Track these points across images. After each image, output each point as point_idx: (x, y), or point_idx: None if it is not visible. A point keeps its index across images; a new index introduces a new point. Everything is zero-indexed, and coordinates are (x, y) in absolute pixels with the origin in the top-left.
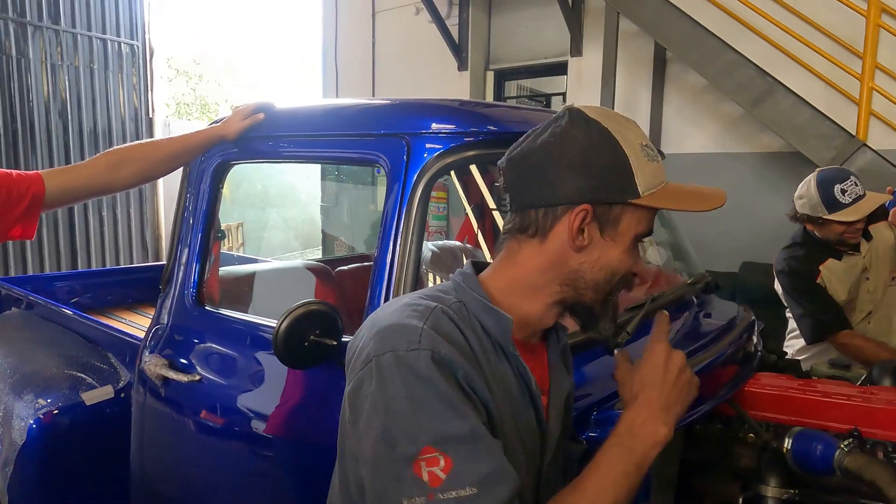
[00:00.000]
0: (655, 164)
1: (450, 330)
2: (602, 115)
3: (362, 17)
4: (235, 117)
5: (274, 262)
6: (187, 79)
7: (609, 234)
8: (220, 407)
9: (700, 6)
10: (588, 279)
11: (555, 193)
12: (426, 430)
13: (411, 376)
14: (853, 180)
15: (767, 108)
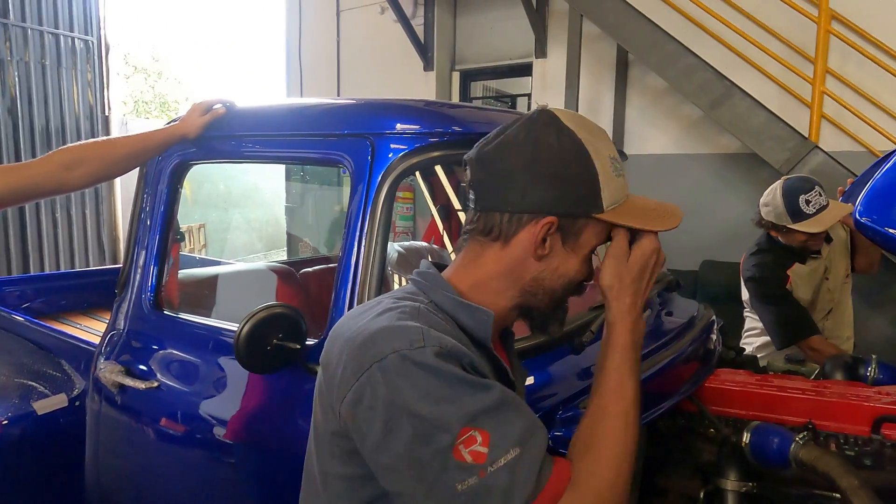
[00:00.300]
0: (621, 180)
1: (441, 326)
2: (576, 123)
3: (326, 16)
4: (194, 113)
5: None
6: (146, 76)
7: (570, 245)
8: (179, 414)
9: (660, 10)
10: (546, 287)
11: (522, 201)
12: (455, 414)
13: (422, 372)
14: (818, 190)
15: (725, 111)
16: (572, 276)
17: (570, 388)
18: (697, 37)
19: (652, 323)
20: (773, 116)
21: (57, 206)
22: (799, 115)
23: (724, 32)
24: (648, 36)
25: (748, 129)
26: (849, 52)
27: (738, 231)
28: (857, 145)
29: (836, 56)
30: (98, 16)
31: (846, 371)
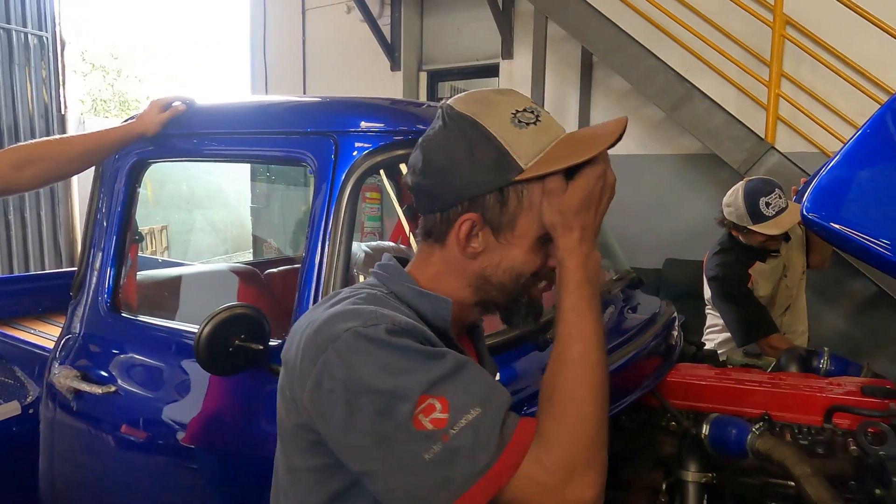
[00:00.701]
0: (532, 129)
1: (400, 311)
2: (469, 101)
3: (292, 15)
4: (152, 110)
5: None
6: (104, 74)
7: (506, 236)
8: (138, 419)
9: (623, 13)
10: (495, 283)
11: (440, 199)
12: (411, 384)
13: (376, 346)
14: (778, 193)
15: (685, 112)
16: (520, 269)
17: (536, 384)
18: (659, 40)
19: (615, 319)
20: (731, 118)
21: (10, 207)
22: (756, 117)
23: (684, 36)
24: (612, 38)
25: (707, 131)
26: (802, 56)
27: (699, 230)
28: (810, 146)
29: (791, 60)
30: (53, 11)
31: (800, 363)
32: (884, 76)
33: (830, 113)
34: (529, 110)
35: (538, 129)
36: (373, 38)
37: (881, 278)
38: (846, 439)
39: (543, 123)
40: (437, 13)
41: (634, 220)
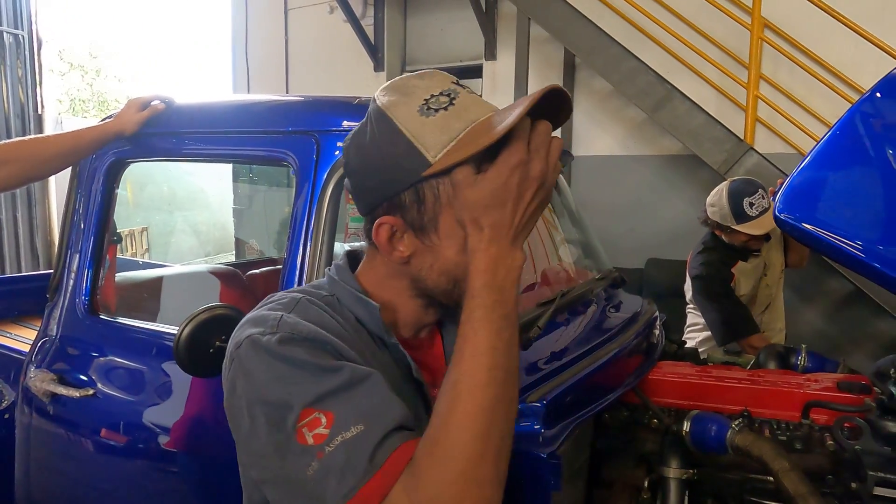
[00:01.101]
0: (441, 115)
1: (319, 317)
2: (389, 90)
3: (274, 14)
4: (130, 109)
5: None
6: (83, 73)
7: (430, 238)
8: (118, 423)
9: (605, 15)
10: (431, 286)
11: (362, 202)
12: (298, 395)
13: (270, 356)
14: (761, 193)
15: (666, 113)
16: (453, 272)
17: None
18: (640, 42)
19: (597, 318)
20: (711, 119)
21: None
22: (735, 119)
23: (665, 38)
24: (593, 40)
25: (688, 132)
26: (781, 58)
27: (681, 230)
28: (788, 147)
29: (769, 62)
30: (29, 9)
31: (779, 360)
32: (859, 78)
33: (808, 114)
34: (445, 93)
35: (449, 115)
36: (356, 38)
37: (857, 277)
38: (823, 434)
39: (458, 107)
40: (420, 14)
41: (616, 221)
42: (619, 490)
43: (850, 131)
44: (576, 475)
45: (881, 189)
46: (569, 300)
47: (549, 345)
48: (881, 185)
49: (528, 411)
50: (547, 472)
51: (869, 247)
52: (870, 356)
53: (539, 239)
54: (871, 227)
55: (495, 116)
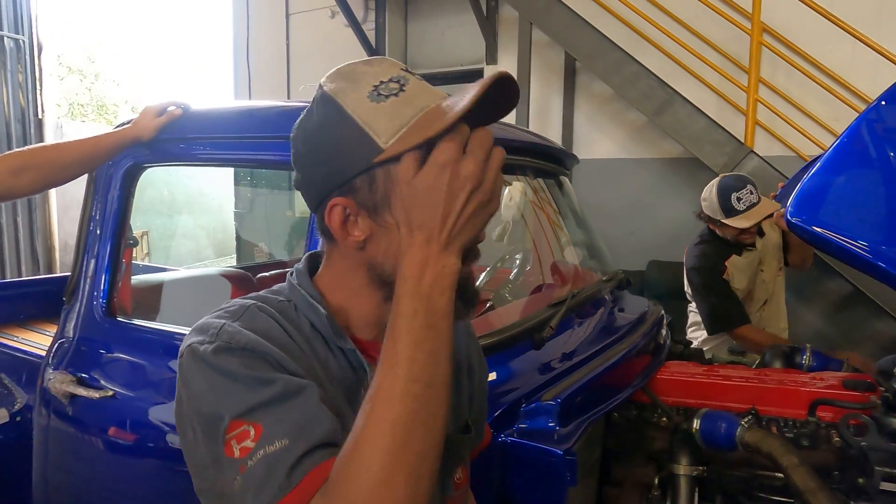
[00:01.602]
0: (391, 101)
1: (266, 326)
2: (336, 77)
3: (275, 19)
4: (147, 115)
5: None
6: (81, 77)
7: (384, 219)
8: (136, 422)
9: (605, 20)
10: (388, 272)
11: (312, 191)
12: (230, 406)
13: (206, 366)
14: (749, 188)
15: (667, 117)
16: None
17: (532, 382)
18: (641, 46)
19: (606, 319)
20: (711, 123)
21: None
22: (735, 122)
23: (665, 42)
24: (594, 44)
25: (689, 135)
26: (779, 62)
27: (681, 232)
28: (787, 150)
29: (768, 67)
30: (30, 14)
31: (784, 359)
32: (856, 82)
33: (806, 118)
34: (395, 79)
35: (400, 101)
36: (357, 42)
37: (857, 277)
38: (829, 431)
39: (409, 94)
40: (421, 18)
41: (617, 223)
42: (630, 488)
43: (856, 139)
44: (588, 473)
45: (886, 193)
46: (578, 301)
47: (560, 345)
48: (886, 189)
49: (543, 409)
50: (563, 467)
51: (875, 248)
52: (869, 356)
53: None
54: (878, 229)
55: (445, 103)
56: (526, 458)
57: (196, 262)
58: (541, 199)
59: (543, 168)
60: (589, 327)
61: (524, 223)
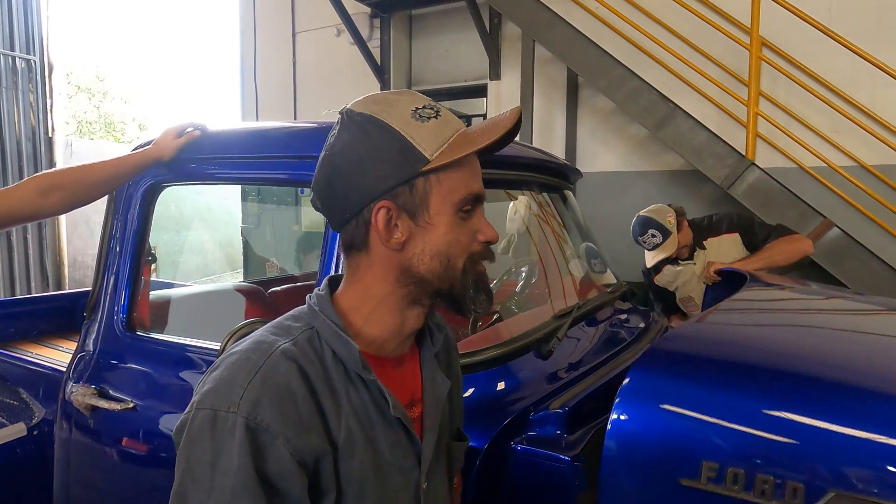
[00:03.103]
0: (433, 122)
1: (286, 379)
2: (368, 103)
3: (282, 37)
4: (168, 136)
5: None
6: (90, 96)
7: (423, 219)
8: (155, 433)
9: (607, 36)
10: (423, 272)
11: (352, 202)
12: (214, 500)
13: (218, 442)
14: (651, 232)
15: (669, 131)
16: (445, 250)
17: (540, 391)
18: (642, 61)
19: (611, 329)
20: (712, 136)
21: None
22: (736, 135)
23: (666, 58)
24: (596, 60)
25: (690, 148)
26: (779, 76)
27: None
28: (789, 162)
29: (768, 80)
30: (41, 34)
31: None
32: (854, 94)
33: (807, 129)
34: (430, 107)
35: (439, 123)
36: (362, 60)
37: (863, 288)
38: None
39: (444, 118)
40: (425, 36)
41: (621, 235)
42: None
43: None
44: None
45: None
46: (584, 312)
47: (567, 355)
48: None
49: (551, 418)
50: (571, 474)
51: None
52: None
53: (551, 254)
54: None
55: (471, 130)
56: (535, 464)
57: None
58: (546, 213)
59: (548, 183)
60: (594, 337)
61: (529, 237)
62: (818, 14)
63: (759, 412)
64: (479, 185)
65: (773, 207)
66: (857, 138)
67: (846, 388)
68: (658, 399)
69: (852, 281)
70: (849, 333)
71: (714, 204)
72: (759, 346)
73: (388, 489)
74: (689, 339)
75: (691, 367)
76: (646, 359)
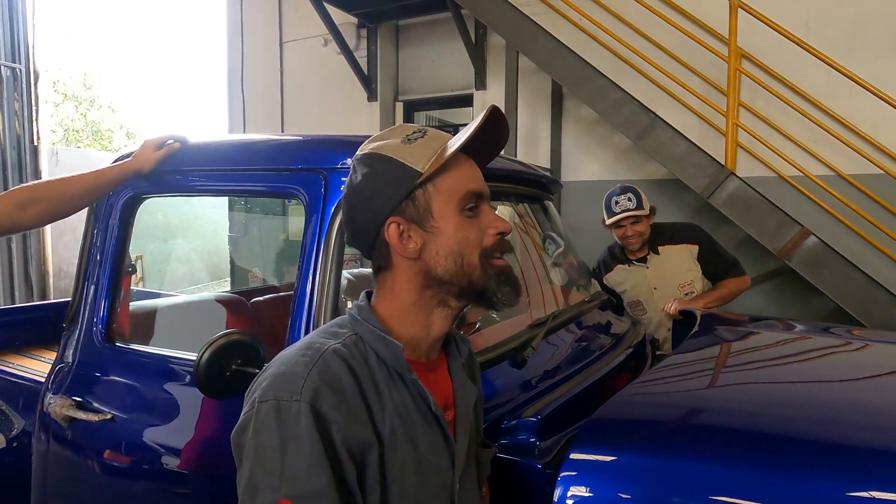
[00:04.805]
0: (419, 142)
1: (338, 373)
2: (367, 143)
3: (269, 47)
4: (147, 149)
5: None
6: (77, 104)
7: (430, 224)
8: (134, 445)
9: (591, 48)
10: (441, 273)
11: (369, 227)
12: (287, 483)
13: (285, 428)
14: (628, 196)
15: (651, 141)
16: (456, 248)
17: (514, 400)
18: (624, 73)
19: (587, 338)
20: (693, 146)
21: None
22: (716, 145)
23: (648, 69)
24: (580, 72)
25: (671, 158)
26: (758, 87)
27: None
28: (768, 171)
29: (747, 91)
30: (27, 42)
31: None
32: (832, 105)
33: (785, 139)
34: (419, 130)
35: (426, 140)
36: (349, 69)
37: (840, 296)
38: None
39: (430, 136)
40: (412, 46)
41: (605, 244)
42: None
43: None
44: None
45: None
46: (560, 322)
47: (542, 364)
48: None
49: (524, 426)
50: (543, 481)
51: None
52: None
53: (531, 263)
54: None
55: (452, 140)
56: (508, 472)
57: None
58: (526, 223)
59: (528, 194)
60: (570, 346)
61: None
62: (795, 27)
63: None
64: (478, 184)
65: (752, 216)
66: (835, 148)
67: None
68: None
69: (829, 289)
70: (793, 385)
71: (696, 212)
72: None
73: (427, 487)
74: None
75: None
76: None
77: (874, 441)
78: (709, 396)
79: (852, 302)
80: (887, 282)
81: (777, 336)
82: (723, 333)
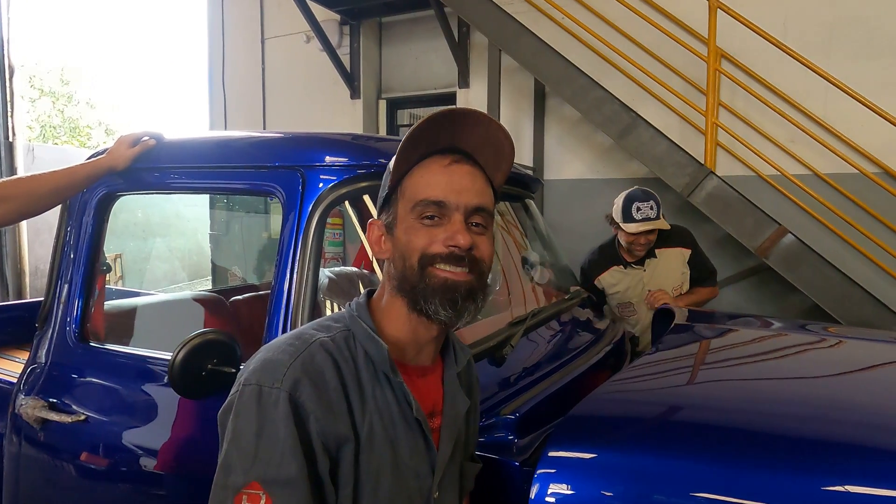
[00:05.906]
0: (408, 150)
1: (321, 366)
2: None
3: (251, 44)
4: (122, 145)
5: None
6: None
7: (396, 229)
8: (109, 446)
9: (572, 45)
10: (395, 275)
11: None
12: (260, 467)
13: (263, 413)
14: (651, 204)
15: (631, 140)
16: (402, 249)
17: (493, 397)
18: (606, 71)
19: (566, 336)
20: (673, 145)
21: None
22: (696, 144)
23: (629, 68)
24: (561, 70)
25: (652, 157)
26: (737, 87)
27: None
28: (747, 170)
29: (727, 91)
30: (2, 36)
31: None
32: (809, 105)
33: (763, 139)
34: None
35: (408, 145)
36: (332, 67)
37: (816, 293)
38: None
39: (415, 143)
40: (395, 43)
41: (587, 242)
42: None
43: None
44: None
45: None
46: (539, 319)
47: (521, 361)
48: None
49: (502, 423)
50: (520, 478)
51: None
52: None
53: (511, 261)
54: None
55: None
56: (486, 470)
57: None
58: (507, 221)
59: (508, 192)
60: (549, 344)
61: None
62: (773, 29)
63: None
64: (440, 193)
65: (731, 215)
66: (812, 148)
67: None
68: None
69: (806, 286)
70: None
71: (677, 211)
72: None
73: (402, 490)
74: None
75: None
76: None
77: (849, 436)
78: (686, 393)
79: (828, 299)
80: (862, 280)
81: (754, 333)
82: (700, 330)
